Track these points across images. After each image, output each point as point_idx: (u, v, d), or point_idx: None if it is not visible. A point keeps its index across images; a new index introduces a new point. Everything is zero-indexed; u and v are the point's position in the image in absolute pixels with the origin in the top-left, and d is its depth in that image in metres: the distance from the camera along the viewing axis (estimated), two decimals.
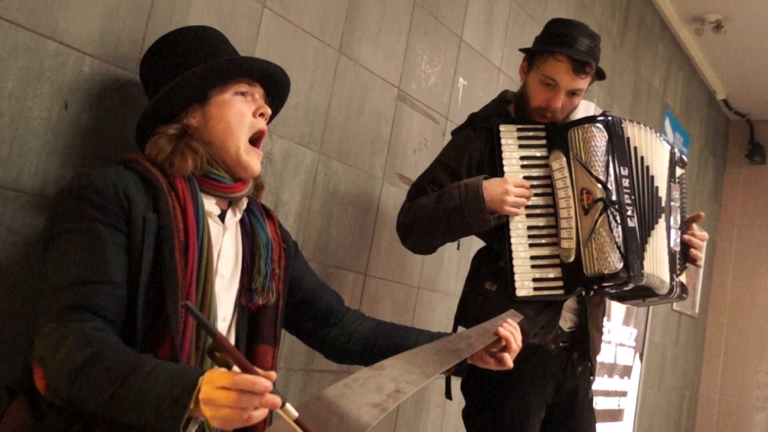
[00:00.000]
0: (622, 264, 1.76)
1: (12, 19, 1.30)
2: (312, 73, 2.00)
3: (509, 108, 1.99)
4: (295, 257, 1.49)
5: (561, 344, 1.92)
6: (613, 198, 1.79)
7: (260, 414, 0.96)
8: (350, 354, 1.50)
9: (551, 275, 1.81)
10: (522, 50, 1.98)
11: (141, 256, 1.16)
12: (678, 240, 1.95)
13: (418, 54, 2.42)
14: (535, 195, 1.85)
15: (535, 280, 1.81)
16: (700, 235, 1.99)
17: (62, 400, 1.07)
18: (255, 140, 1.35)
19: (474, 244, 2.80)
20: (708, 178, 5.49)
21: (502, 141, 1.88)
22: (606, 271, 1.75)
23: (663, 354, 4.90)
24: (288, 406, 0.98)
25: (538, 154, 1.89)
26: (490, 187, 1.77)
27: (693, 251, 1.98)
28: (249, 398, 0.94)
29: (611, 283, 1.79)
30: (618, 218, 1.78)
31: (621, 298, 2.00)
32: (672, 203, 1.95)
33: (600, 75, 1.92)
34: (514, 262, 1.81)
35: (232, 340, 1.31)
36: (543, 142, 1.89)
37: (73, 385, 1.03)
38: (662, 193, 1.92)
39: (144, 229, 1.16)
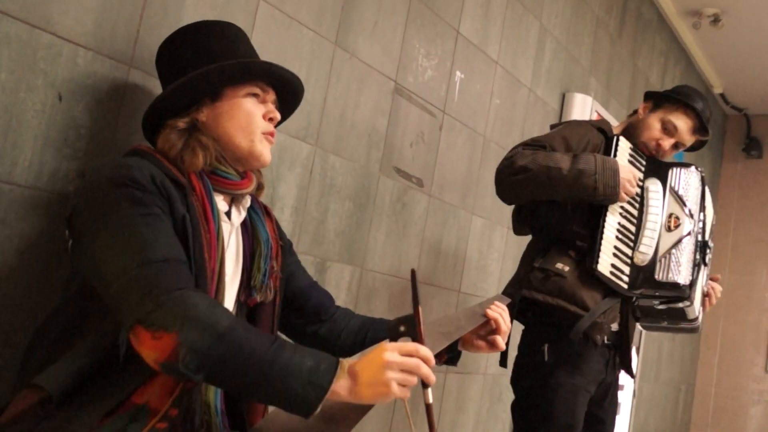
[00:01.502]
0: (689, 281, 2.04)
1: (4, 10, 1.29)
2: (308, 65, 1.99)
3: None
4: (290, 255, 1.49)
5: (606, 341, 2.08)
6: (696, 229, 2.11)
7: (409, 394, 1.09)
8: (341, 350, 1.50)
9: (624, 269, 2.05)
10: (659, 92, 2.23)
11: (188, 254, 1.16)
12: (706, 281, 2.32)
13: (415, 47, 2.41)
14: (629, 204, 2.10)
15: (612, 266, 2.03)
16: (719, 289, 2.35)
17: (192, 363, 1.04)
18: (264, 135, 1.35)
19: (472, 242, 2.80)
20: (705, 172, 5.49)
21: (618, 151, 2.11)
22: (675, 280, 2.02)
23: (659, 348, 4.91)
24: (429, 389, 1.13)
25: (638, 174, 2.10)
26: (622, 170, 2.00)
27: (712, 293, 2.32)
28: (425, 370, 1.09)
29: (670, 294, 2.04)
30: (694, 247, 2.10)
31: (650, 315, 2.23)
32: (709, 255, 2.30)
33: (702, 144, 2.26)
34: (603, 242, 2.01)
35: None
36: (643, 168, 2.16)
37: (220, 344, 1.04)
38: (711, 244, 2.25)
39: (185, 227, 1.17)
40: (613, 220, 2.04)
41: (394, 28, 2.31)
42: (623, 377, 2.27)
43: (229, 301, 1.30)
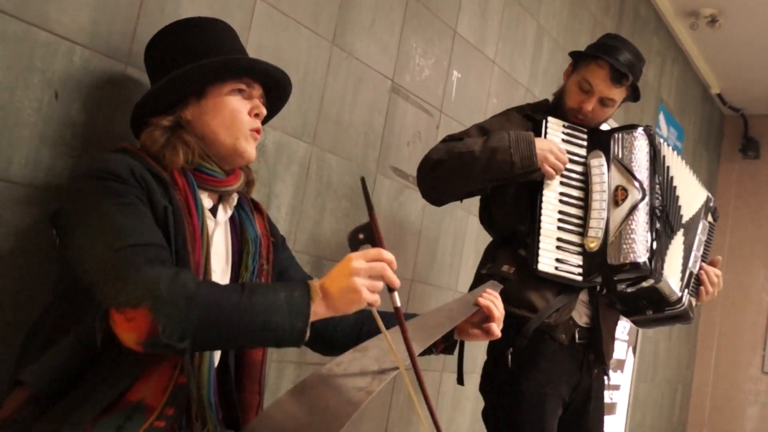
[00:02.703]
0: (647, 257, 1.82)
1: (0, 7, 1.29)
2: (305, 64, 2.00)
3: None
4: (283, 250, 1.49)
5: (578, 340, 1.94)
6: (647, 198, 1.88)
7: (379, 299, 1.14)
8: (337, 344, 1.50)
9: (573, 260, 1.89)
10: (571, 54, 2.07)
11: (169, 245, 1.16)
12: (697, 264, 2.07)
13: (412, 46, 2.42)
14: (571, 187, 1.94)
15: (558, 260, 1.87)
16: (716, 272, 2.11)
17: (172, 334, 1.04)
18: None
19: (469, 241, 2.80)
20: (702, 172, 5.50)
21: (548, 132, 1.96)
22: (630, 260, 1.80)
23: (656, 348, 4.92)
24: (396, 293, 1.16)
25: (578, 150, 1.98)
26: (539, 141, 1.87)
27: (706, 277, 2.08)
28: (390, 273, 1.14)
29: (631, 276, 1.84)
30: (648, 216, 1.87)
31: (629, 303, 2.00)
32: (699, 235, 2.09)
33: (635, 94, 2.00)
34: (542, 238, 1.87)
35: None
36: (584, 143, 1.99)
37: (193, 308, 1.05)
38: (685, 212, 2.03)
39: (166, 218, 1.17)
40: (552, 211, 1.89)
41: (391, 27, 2.32)
42: (619, 377, 2.20)
43: None
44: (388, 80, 2.32)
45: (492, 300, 1.46)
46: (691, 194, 2.08)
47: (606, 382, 2.05)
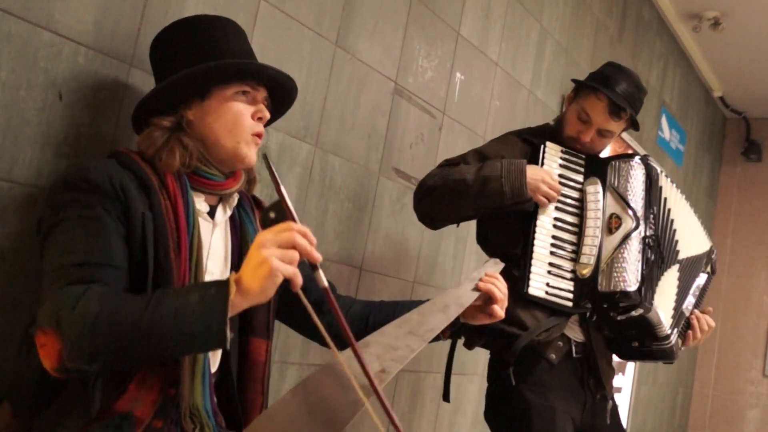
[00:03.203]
0: (637, 286, 1.83)
1: (5, 8, 1.29)
2: (308, 66, 2.00)
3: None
4: None
5: (575, 354, 1.93)
6: (640, 227, 1.88)
7: (298, 273, 1.02)
8: (342, 337, 1.49)
9: (564, 286, 1.90)
10: (573, 81, 2.06)
11: (145, 254, 1.15)
12: (690, 308, 2.07)
13: (415, 48, 2.41)
14: (566, 213, 1.96)
15: (548, 285, 1.88)
16: (708, 321, 2.11)
17: (81, 359, 1.00)
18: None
19: (471, 243, 2.80)
20: (704, 175, 5.50)
21: (546, 157, 1.97)
22: (620, 288, 1.82)
23: None
24: (320, 272, 1.05)
25: (574, 177, 1.99)
26: (531, 170, 1.88)
27: (697, 323, 2.07)
28: (302, 240, 1.02)
29: (622, 304, 1.85)
30: (641, 246, 1.87)
31: (617, 331, 1.98)
32: (698, 281, 2.10)
33: (635, 125, 2.01)
34: (533, 262, 1.88)
35: None
36: (581, 169, 2.00)
37: (96, 328, 0.99)
38: (681, 248, 2.02)
39: (144, 227, 1.16)
40: (545, 235, 1.91)
41: (395, 28, 2.31)
42: (621, 380, 2.17)
43: None
44: (391, 82, 2.32)
45: (493, 282, 1.44)
46: (692, 233, 2.08)
47: (610, 403, 2.02)
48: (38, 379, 1.11)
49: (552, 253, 1.91)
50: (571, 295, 1.88)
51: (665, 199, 1.99)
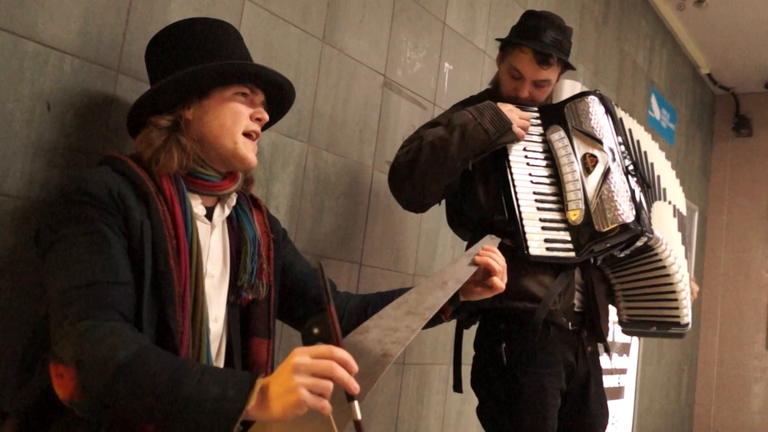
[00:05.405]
0: (634, 215, 1.78)
1: None
2: (296, 63, 1.99)
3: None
4: (285, 245, 1.48)
5: (570, 327, 1.89)
6: (617, 158, 1.85)
7: (327, 405, 0.96)
8: (345, 333, 1.48)
9: (561, 237, 1.83)
10: (497, 40, 2.02)
11: (143, 262, 1.14)
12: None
13: (403, 40, 2.41)
14: (538, 167, 1.89)
15: (546, 240, 1.81)
16: (693, 285, 2.12)
17: (94, 402, 1.01)
18: (247, 135, 1.32)
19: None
20: (696, 152, 5.51)
21: None
22: (619, 222, 1.76)
23: None
24: (356, 402, 0.98)
25: (534, 129, 1.93)
26: (500, 105, 1.84)
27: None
28: (341, 372, 0.96)
29: (623, 238, 1.79)
30: (624, 176, 1.83)
31: (642, 325, 2.02)
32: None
33: (568, 66, 1.96)
34: (525, 222, 1.81)
35: (224, 338, 1.30)
36: (538, 120, 1.95)
37: (116, 382, 0.98)
38: (660, 172, 1.98)
39: (142, 235, 1.15)
40: (527, 192, 1.85)
41: (381, 22, 2.31)
42: (626, 361, 2.15)
43: (219, 304, 1.28)
44: (380, 75, 2.31)
45: (490, 255, 1.43)
46: (654, 150, 2.04)
47: (608, 358, 2.01)
48: (44, 397, 1.10)
49: (539, 208, 1.84)
50: (571, 246, 1.81)
51: (630, 129, 1.96)
